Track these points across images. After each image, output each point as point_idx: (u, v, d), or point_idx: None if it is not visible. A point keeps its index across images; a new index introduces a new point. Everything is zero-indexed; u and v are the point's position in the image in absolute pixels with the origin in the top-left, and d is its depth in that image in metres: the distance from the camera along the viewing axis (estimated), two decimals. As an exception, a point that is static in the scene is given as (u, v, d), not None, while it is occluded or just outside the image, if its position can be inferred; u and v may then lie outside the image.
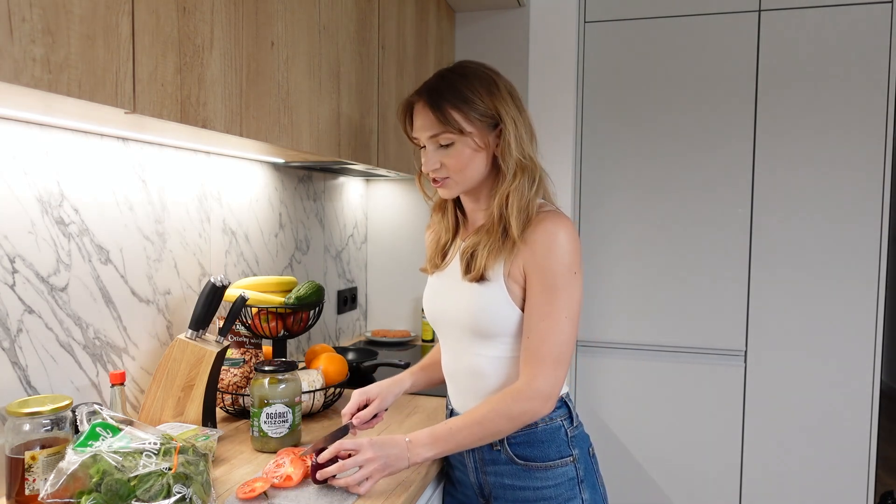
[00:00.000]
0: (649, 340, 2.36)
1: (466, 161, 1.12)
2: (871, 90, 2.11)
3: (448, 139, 1.11)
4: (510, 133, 1.11)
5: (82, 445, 0.88)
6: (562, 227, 1.10)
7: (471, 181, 1.15)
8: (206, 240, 1.56)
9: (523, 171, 1.12)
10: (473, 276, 1.13)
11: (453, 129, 1.10)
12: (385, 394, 1.26)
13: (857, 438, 2.17)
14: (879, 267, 2.13)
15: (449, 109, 1.10)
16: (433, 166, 1.14)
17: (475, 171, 1.14)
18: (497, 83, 1.14)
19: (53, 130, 1.13)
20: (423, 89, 1.15)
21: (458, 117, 1.10)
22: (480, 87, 1.12)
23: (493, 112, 1.11)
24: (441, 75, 1.16)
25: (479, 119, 1.11)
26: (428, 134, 1.13)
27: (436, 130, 1.12)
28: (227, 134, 1.08)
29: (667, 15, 2.28)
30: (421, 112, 1.14)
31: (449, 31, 2.34)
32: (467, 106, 1.10)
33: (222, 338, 1.32)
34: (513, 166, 1.11)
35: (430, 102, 1.12)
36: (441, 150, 1.13)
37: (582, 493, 1.16)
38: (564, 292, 1.08)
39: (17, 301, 1.07)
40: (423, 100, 1.14)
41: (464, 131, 1.10)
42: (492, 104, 1.11)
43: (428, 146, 1.14)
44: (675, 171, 2.30)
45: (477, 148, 1.12)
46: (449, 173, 1.14)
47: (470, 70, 1.15)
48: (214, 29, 1.03)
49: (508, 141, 1.11)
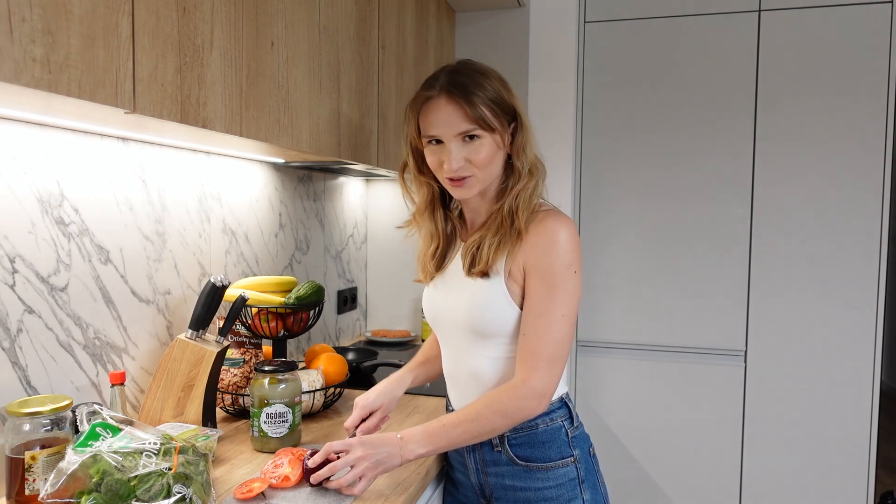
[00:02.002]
0: (649, 340, 2.36)
1: (490, 158, 1.10)
2: (871, 90, 2.11)
3: (479, 135, 1.08)
4: (527, 132, 1.11)
5: (82, 445, 0.88)
6: (563, 225, 1.09)
7: (489, 180, 1.13)
8: (206, 240, 1.56)
9: (536, 169, 1.13)
10: (479, 270, 1.12)
11: (484, 125, 1.08)
12: (388, 402, 1.25)
13: (857, 438, 2.17)
14: (879, 267, 2.13)
15: (481, 105, 1.07)
16: (458, 164, 1.09)
17: (495, 170, 1.13)
18: (507, 82, 1.14)
19: (53, 130, 1.13)
20: (446, 84, 1.09)
21: (489, 114, 1.08)
22: (500, 85, 1.11)
23: (512, 109, 1.11)
24: (457, 70, 1.11)
25: (502, 115, 1.10)
26: (457, 130, 1.08)
27: (467, 126, 1.08)
28: (227, 134, 1.08)
29: (667, 15, 2.28)
30: (444, 107, 1.08)
31: (449, 31, 2.34)
32: (495, 103, 1.09)
33: (222, 338, 1.32)
34: (528, 165, 1.12)
35: (462, 97, 1.07)
36: (466, 147, 1.09)
37: (583, 493, 1.16)
38: (563, 291, 1.08)
39: (17, 301, 1.07)
40: (447, 95, 1.08)
41: (493, 127, 1.09)
42: (511, 102, 1.11)
43: (451, 144, 1.09)
44: (675, 171, 2.30)
45: (500, 146, 1.12)
46: (473, 171, 1.10)
47: (484, 67, 1.13)
48: (214, 29, 1.03)
49: (525, 140, 1.11)
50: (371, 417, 1.24)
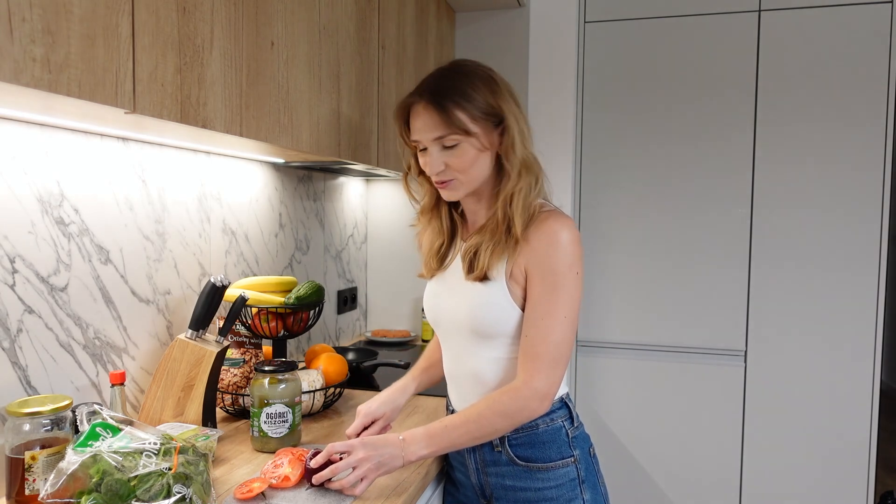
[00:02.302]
0: (649, 340, 2.36)
1: (472, 161, 1.10)
2: (871, 90, 2.11)
3: (453, 140, 1.09)
4: (514, 132, 1.10)
5: (82, 445, 0.88)
6: (565, 226, 1.09)
7: (476, 182, 1.13)
8: (206, 240, 1.56)
9: (528, 170, 1.11)
10: (476, 275, 1.12)
11: (459, 130, 1.08)
12: (391, 412, 1.25)
13: (857, 438, 2.17)
14: (879, 266, 2.13)
15: (454, 109, 1.07)
16: (438, 168, 1.11)
17: (480, 172, 1.12)
18: (496, 81, 1.12)
19: (53, 130, 1.13)
20: (424, 89, 1.11)
21: (464, 117, 1.08)
22: (482, 85, 1.10)
23: (496, 111, 1.10)
24: (440, 74, 1.13)
25: (483, 118, 1.09)
26: (432, 135, 1.10)
27: (441, 132, 1.09)
28: (227, 134, 1.08)
29: (667, 15, 2.28)
30: (422, 113, 1.10)
31: (449, 31, 2.34)
32: (471, 105, 1.08)
33: (222, 338, 1.32)
34: (517, 165, 1.10)
35: (433, 103, 1.08)
36: (445, 151, 1.10)
37: (583, 493, 1.16)
38: (565, 292, 1.08)
39: (17, 301, 1.07)
40: (424, 100, 1.10)
41: (469, 131, 1.08)
42: (495, 102, 1.10)
43: (431, 148, 1.11)
44: (675, 172, 2.30)
45: (482, 148, 1.10)
46: (454, 175, 1.11)
47: (469, 68, 1.13)
48: (214, 29, 1.03)
49: (512, 140, 1.10)
50: (373, 426, 1.24)
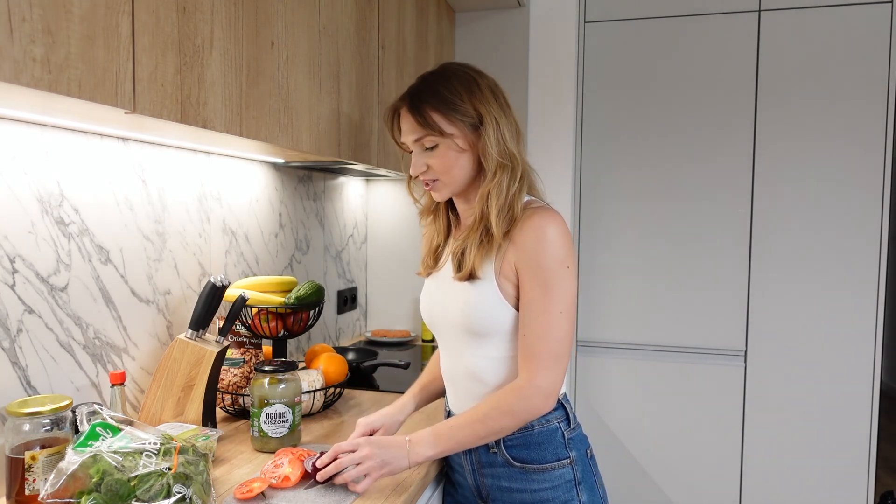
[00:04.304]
0: (649, 340, 2.36)
1: (451, 163, 1.13)
2: (871, 90, 2.11)
3: (431, 142, 1.12)
4: (490, 132, 1.11)
5: (82, 445, 0.88)
6: (550, 221, 1.09)
7: (459, 182, 1.16)
8: (206, 240, 1.56)
9: (503, 168, 1.12)
10: (462, 275, 1.13)
11: (434, 132, 1.11)
12: (389, 424, 1.24)
13: (857, 438, 2.17)
14: (879, 267, 2.13)
15: (429, 112, 1.11)
16: (420, 169, 1.15)
17: (461, 172, 1.14)
18: (478, 82, 1.14)
19: (53, 130, 1.13)
20: (406, 93, 1.16)
21: (439, 119, 1.11)
22: (461, 87, 1.12)
23: (473, 112, 1.11)
24: (422, 78, 1.17)
25: (460, 120, 1.11)
26: (412, 138, 1.14)
27: (418, 134, 1.13)
28: (227, 134, 1.09)
29: (667, 15, 2.28)
30: (405, 117, 1.15)
31: (449, 31, 2.34)
32: (447, 107, 1.11)
33: (222, 338, 1.32)
34: (493, 164, 1.11)
35: (410, 106, 1.13)
36: (426, 153, 1.14)
37: (580, 495, 1.15)
38: (558, 287, 1.08)
39: (17, 301, 1.07)
40: (405, 104, 1.15)
41: (444, 133, 1.11)
42: (472, 104, 1.11)
43: (413, 150, 1.16)
44: (675, 172, 2.30)
45: (460, 149, 1.13)
46: (436, 175, 1.15)
47: (450, 71, 1.16)
48: (214, 29, 1.03)
49: (488, 140, 1.11)
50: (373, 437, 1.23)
